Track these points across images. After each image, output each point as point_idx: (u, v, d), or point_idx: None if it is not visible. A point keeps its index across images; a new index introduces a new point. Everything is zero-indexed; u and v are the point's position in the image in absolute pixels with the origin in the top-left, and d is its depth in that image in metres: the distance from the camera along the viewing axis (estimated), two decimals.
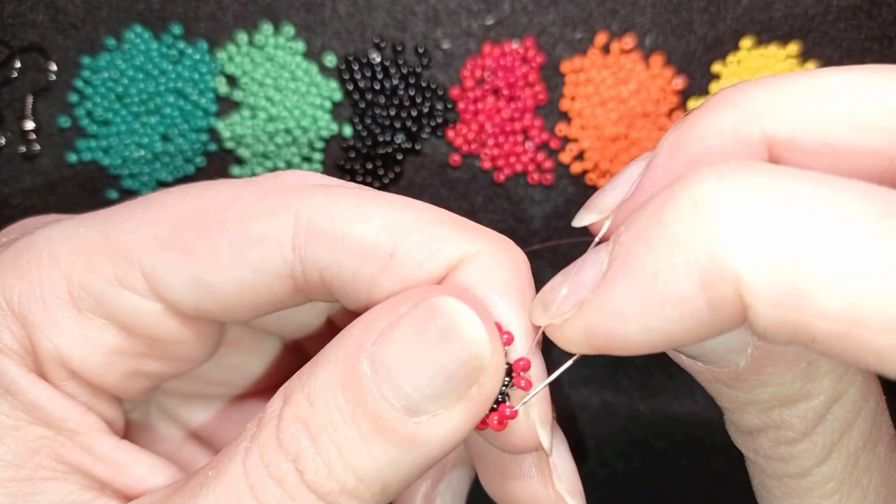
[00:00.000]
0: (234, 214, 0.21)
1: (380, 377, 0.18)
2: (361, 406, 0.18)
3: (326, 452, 0.18)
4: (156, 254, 0.21)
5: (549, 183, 0.36)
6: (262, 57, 0.35)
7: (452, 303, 0.19)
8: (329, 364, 0.19)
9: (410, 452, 0.19)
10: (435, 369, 0.18)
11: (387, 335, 0.19)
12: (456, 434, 0.19)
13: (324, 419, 0.18)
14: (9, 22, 0.35)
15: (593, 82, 0.35)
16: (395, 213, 0.20)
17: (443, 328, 0.18)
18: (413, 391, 0.18)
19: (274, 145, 0.36)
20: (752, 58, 0.34)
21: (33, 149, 0.36)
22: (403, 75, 0.35)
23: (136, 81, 0.35)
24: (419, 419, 0.18)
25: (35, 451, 0.21)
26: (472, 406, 0.19)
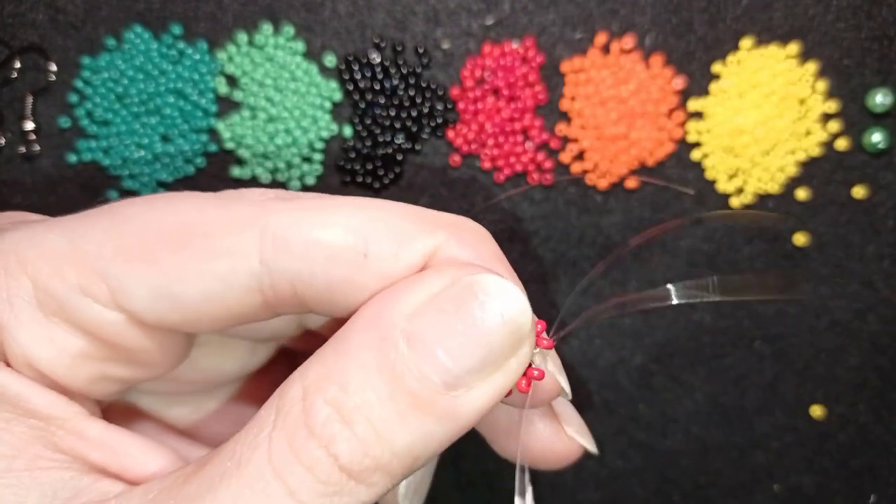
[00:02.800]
0: (200, 228, 0.20)
1: (419, 355, 0.18)
2: (400, 385, 0.18)
3: (362, 433, 0.18)
4: (120, 264, 0.20)
5: (549, 183, 0.36)
6: (262, 57, 0.35)
7: (493, 279, 0.19)
8: (359, 346, 0.19)
9: (446, 425, 0.19)
10: (479, 344, 0.19)
11: (423, 313, 0.19)
12: (490, 403, 0.19)
13: (357, 401, 0.18)
14: (8, 22, 0.35)
15: (593, 82, 0.35)
16: (360, 214, 0.20)
17: (485, 303, 0.19)
18: (454, 366, 0.19)
19: (274, 146, 0.36)
20: (752, 58, 0.34)
21: (33, 149, 0.36)
22: (403, 75, 0.35)
23: (135, 82, 0.35)
24: (457, 392, 0.19)
25: (29, 441, 0.20)
26: (509, 375, 0.19)
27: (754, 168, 0.35)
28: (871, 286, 0.35)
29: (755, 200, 0.35)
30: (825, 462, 0.36)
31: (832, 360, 0.36)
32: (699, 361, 0.36)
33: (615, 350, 0.37)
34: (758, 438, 0.36)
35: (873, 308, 0.35)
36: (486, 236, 0.22)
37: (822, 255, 0.35)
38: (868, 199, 0.34)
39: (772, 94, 0.34)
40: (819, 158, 0.35)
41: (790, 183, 0.35)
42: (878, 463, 0.36)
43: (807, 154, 0.34)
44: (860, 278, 0.35)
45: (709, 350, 0.36)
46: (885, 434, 0.36)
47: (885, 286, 0.35)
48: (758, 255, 0.35)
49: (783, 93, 0.34)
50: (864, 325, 0.35)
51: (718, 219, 0.36)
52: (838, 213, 0.35)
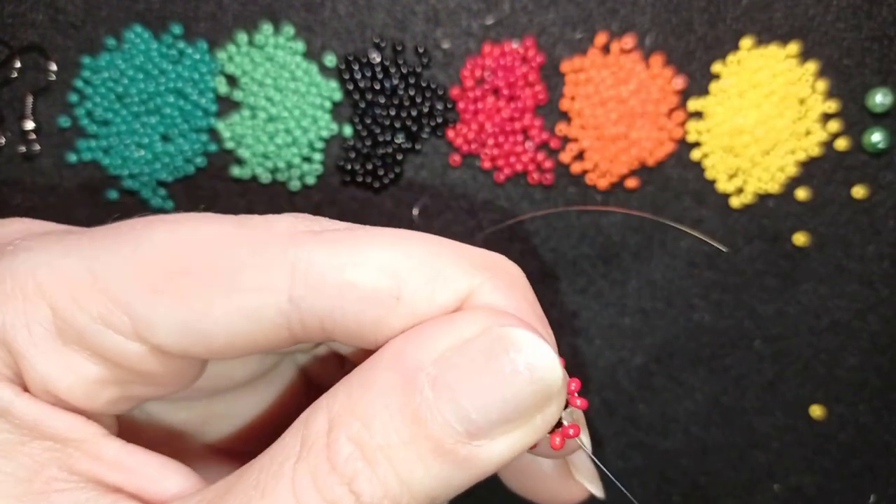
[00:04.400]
0: (228, 262, 0.20)
1: (443, 401, 0.18)
2: (422, 429, 0.18)
3: (383, 474, 0.18)
4: (144, 298, 0.20)
5: (549, 183, 0.36)
6: (262, 57, 0.35)
7: (526, 334, 0.19)
8: (384, 385, 0.19)
9: (466, 472, 0.19)
10: (505, 399, 0.18)
11: (450, 358, 0.19)
12: (512, 456, 0.19)
13: (380, 441, 0.18)
14: (8, 22, 0.35)
15: (593, 82, 0.35)
16: (394, 252, 0.20)
17: (516, 360, 0.18)
18: (478, 417, 0.18)
19: (274, 145, 0.36)
20: (751, 58, 0.34)
21: (33, 149, 0.36)
22: (403, 75, 0.35)
23: (135, 81, 0.35)
24: (479, 442, 0.19)
25: (44, 464, 0.20)
26: (533, 432, 0.19)
27: (754, 168, 0.35)
28: (871, 286, 0.35)
29: (755, 200, 0.35)
30: (825, 462, 0.36)
31: (832, 360, 0.36)
32: (699, 361, 0.36)
33: (615, 350, 0.37)
34: (758, 438, 0.36)
35: (873, 308, 0.35)
36: (523, 280, 0.21)
37: (822, 255, 0.35)
38: (868, 199, 0.34)
39: (772, 94, 0.34)
40: (819, 158, 0.35)
41: (790, 183, 0.35)
42: (878, 463, 0.36)
43: (807, 154, 0.34)
44: (860, 278, 0.35)
45: (709, 350, 0.36)
46: (885, 434, 0.36)
47: (885, 286, 0.35)
48: (758, 255, 0.35)
49: (783, 93, 0.34)
50: (864, 325, 0.35)
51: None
52: (838, 213, 0.35)
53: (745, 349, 0.36)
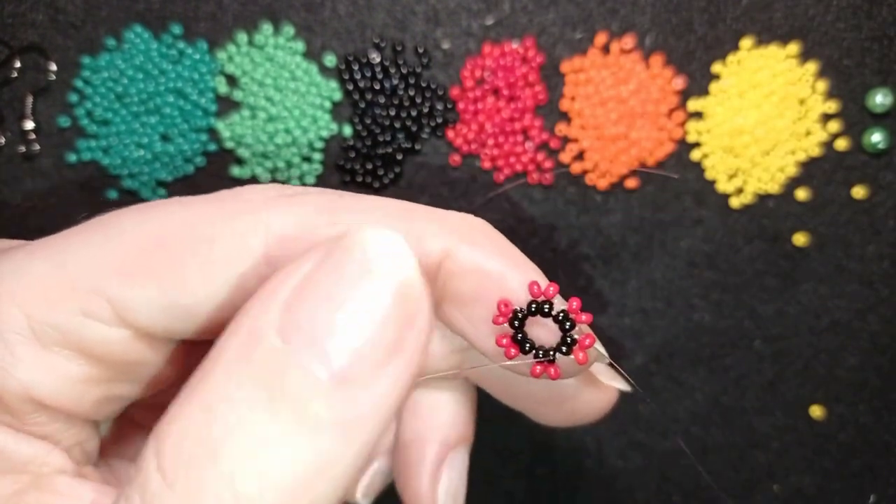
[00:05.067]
0: (201, 234, 0.19)
1: (297, 346, 0.15)
2: (280, 389, 0.15)
3: (231, 468, 0.14)
4: (122, 281, 0.19)
5: (549, 183, 0.36)
6: (261, 57, 0.35)
7: (369, 232, 0.16)
8: (225, 354, 0.16)
9: (349, 440, 0.15)
10: (361, 312, 0.15)
11: (298, 296, 0.15)
12: (398, 397, 0.16)
13: (229, 422, 0.15)
14: (8, 22, 0.35)
15: (593, 82, 0.35)
16: (365, 213, 0.19)
17: (362, 260, 0.15)
18: (340, 350, 0.15)
19: (274, 145, 0.36)
20: (752, 58, 0.34)
21: (33, 149, 0.36)
22: (403, 75, 0.35)
23: (135, 81, 0.35)
24: (350, 392, 0.15)
25: (7, 499, 0.20)
26: (412, 353, 0.16)
27: (754, 168, 0.35)
28: (871, 286, 0.35)
29: (755, 200, 0.35)
30: (825, 462, 0.36)
31: (832, 360, 0.36)
32: (699, 361, 0.36)
33: (615, 350, 0.37)
34: (758, 438, 0.36)
35: (873, 308, 0.35)
36: (494, 232, 0.21)
37: (822, 255, 0.35)
38: (868, 200, 0.34)
39: (772, 94, 0.34)
40: (819, 158, 0.35)
41: (790, 183, 0.35)
42: (878, 463, 0.36)
43: (807, 154, 0.34)
44: (860, 278, 0.35)
45: (709, 350, 0.36)
46: (885, 434, 0.36)
47: (885, 286, 0.35)
48: (758, 256, 0.35)
49: (783, 93, 0.34)
50: (864, 325, 0.35)
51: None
52: (838, 214, 0.35)
53: (745, 349, 0.36)
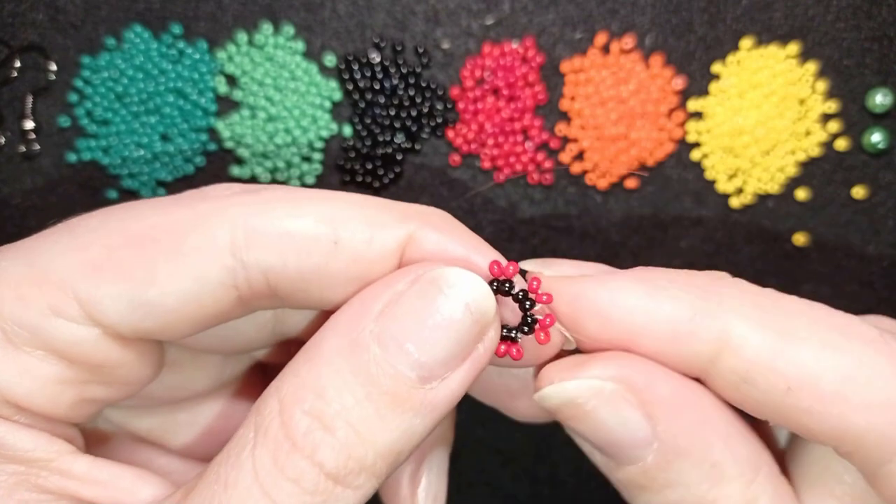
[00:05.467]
0: (167, 229, 0.20)
1: (391, 353, 0.19)
2: (376, 385, 0.19)
3: (344, 437, 0.19)
4: (89, 277, 0.20)
5: (549, 183, 0.36)
6: (261, 57, 0.35)
7: (454, 271, 0.20)
8: (332, 353, 0.19)
9: (426, 417, 0.19)
10: (447, 336, 0.19)
11: (389, 312, 0.19)
12: (463, 390, 0.20)
13: (337, 407, 0.19)
14: (8, 21, 0.35)
15: (593, 82, 0.35)
16: (329, 204, 0.21)
17: (451, 296, 0.19)
18: (427, 360, 0.19)
19: (273, 145, 0.36)
20: (751, 58, 0.34)
21: (33, 148, 0.36)
22: (403, 75, 0.35)
23: (135, 81, 0.35)
24: (432, 385, 0.19)
25: (13, 487, 0.20)
26: (477, 361, 0.20)
27: (754, 168, 0.35)
28: (870, 286, 0.35)
29: (755, 200, 0.35)
30: None
31: None
32: None
33: None
34: None
35: (873, 308, 0.35)
36: (455, 220, 0.22)
37: (821, 255, 0.35)
38: (868, 200, 0.34)
39: (772, 95, 0.34)
40: (819, 158, 0.35)
41: (790, 183, 0.35)
42: None
43: (807, 154, 0.34)
44: (860, 278, 0.35)
45: None
46: None
47: (884, 286, 0.35)
48: (758, 255, 0.35)
49: (783, 93, 0.34)
50: None
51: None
52: (838, 214, 0.35)
53: None
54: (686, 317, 0.20)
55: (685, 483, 0.20)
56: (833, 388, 0.18)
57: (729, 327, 0.19)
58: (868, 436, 0.18)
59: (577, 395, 0.20)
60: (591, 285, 0.21)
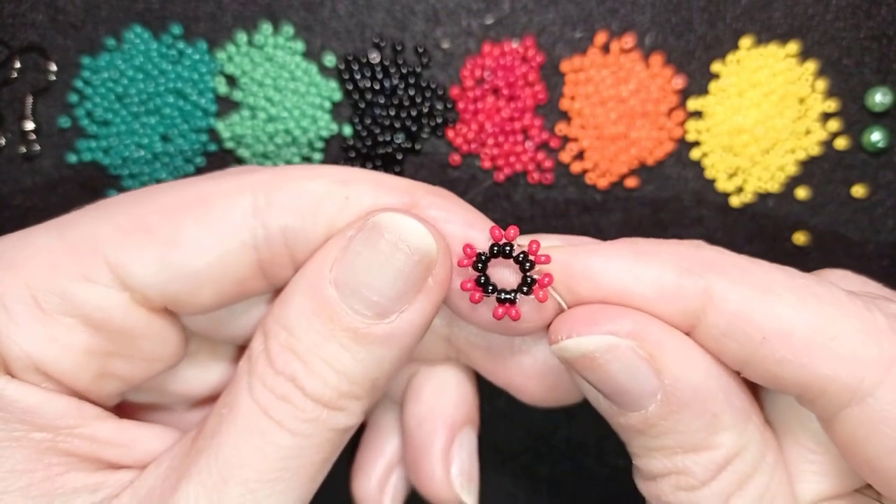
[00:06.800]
0: (193, 198, 0.22)
1: (346, 294, 0.21)
2: (337, 323, 0.21)
3: (318, 368, 0.21)
4: (119, 242, 0.21)
5: (549, 182, 0.36)
6: (261, 57, 0.35)
7: (393, 215, 0.21)
8: (297, 296, 0.22)
9: (391, 347, 0.21)
10: (394, 275, 0.21)
11: (343, 258, 0.21)
12: (423, 320, 0.22)
13: (307, 342, 0.21)
14: (8, 22, 0.35)
15: (593, 82, 0.35)
16: (340, 170, 0.23)
17: (391, 240, 0.21)
18: (379, 298, 0.21)
19: (273, 145, 0.36)
20: (751, 57, 0.34)
21: (33, 149, 0.36)
22: (403, 75, 0.35)
23: (135, 81, 0.35)
24: (390, 319, 0.21)
25: (42, 452, 0.21)
26: (432, 293, 0.22)
27: (754, 167, 0.35)
28: None
29: (755, 199, 0.35)
30: None
31: None
32: None
33: None
34: None
35: None
36: (456, 196, 0.24)
37: (821, 254, 0.35)
38: (867, 198, 0.35)
39: (771, 94, 0.34)
40: (819, 157, 0.35)
41: (790, 182, 0.35)
42: None
43: (806, 153, 0.34)
44: None
45: None
46: None
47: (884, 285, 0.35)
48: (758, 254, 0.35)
49: (783, 92, 0.34)
50: None
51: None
52: (838, 212, 0.35)
53: None
54: (672, 277, 0.21)
55: (684, 431, 0.21)
56: (804, 340, 0.20)
57: (711, 285, 0.21)
58: (831, 384, 0.20)
59: (593, 350, 0.21)
60: (582, 252, 0.22)
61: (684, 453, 0.21)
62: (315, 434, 0.21)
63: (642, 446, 0.22)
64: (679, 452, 0.21)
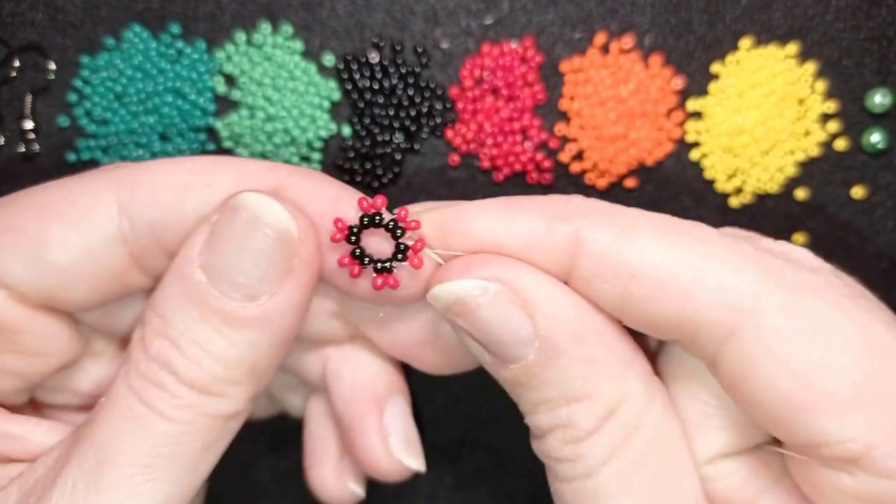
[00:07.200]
0: (61, 195, 0.23)
1: (214, 278, 0.21)
2: (208, 307, 0.21)
3: (191, 352, 0.21)
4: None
5: (548, 183, 0.36)
6: (260, 56, 0.35)
7: (249, 196, 0.21)
8: (168, 283, 0.22)
9: (264, 330, 0.21)
10: (255, 255, 0.21)
11: (209, 242, 0.21)
12: (297, 301, 0.22)
13: (180, 327, 0.21)
14: (7, 21, 0.35)
15: (592, 82, 0.35)
16: (202, 161, 0.23)
17: (247, 219, 0.21)
18: (245, 279, 0.21)
19: (272, 145, 0.36)
20: (751, 58, 0.34)
21: (32, 148, 0.36)
22: (402, 75, 0.35)
23: (134, 81, 0.35)
24: (260, 301, 0.21)
25: None
26: (301, 274, 0.22)
27: (753, 168, 0.35)
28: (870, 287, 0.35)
29: (754, 200, 0.35)
30: None
31: None
32: None
33: None
34: None
35: None
36: (323, 174, 0.24)
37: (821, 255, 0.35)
38: (867, 200, 0.34)
39: (771, 94, 0.34)
40: (818, 158, 0.35)
41: (789, 183, 0.35)
42: None
43: (806, 154, 0.34)
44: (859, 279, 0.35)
45: None
46: None
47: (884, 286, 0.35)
48: None
49: (782, 93, 0.34)
50: None
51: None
52: (837, 214, 0.35)
53: None
54: (540, 225, 0.21)
55: (563, 378, 0.21)
56: (672, 275, 0.20)
57: (579, 230, 0.21)
58: (705, 319, 0.20)
59: (464, 294, 0.21)
60: (454, 209, 0.22)
61: (567, 404, 0.21)
62: (192, 420, 0.21)
63: (528, 401, 0.22)
64: (563, 404, 0.21)
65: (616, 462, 0.21)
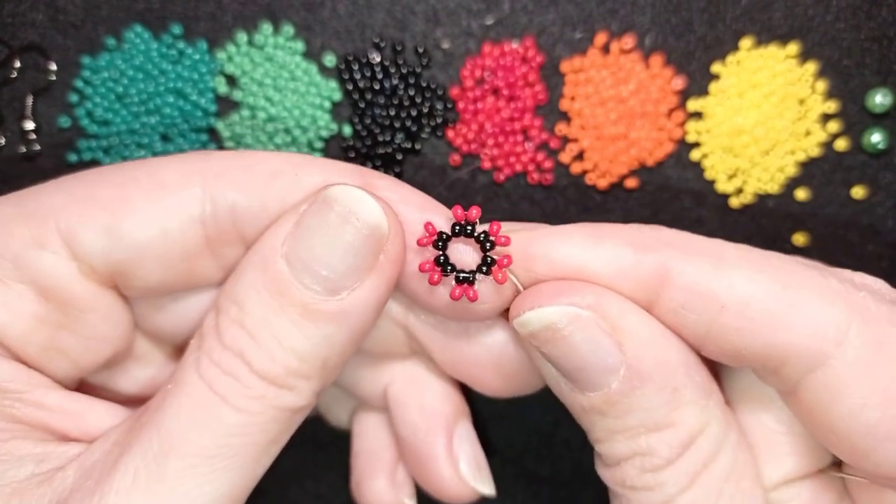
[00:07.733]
0: (146, 170, 0.22)
1: (297, 269, 0.21)
2: (287, 298, 0.21)
3: (266, 343, 0.21)
4: (70, 210, 0.22)
5: (549, 183, 0.36)
6: (261, 57, 0.35)
7: (344, 189, 0.21)
8: (248, 271, 0.21)
9: (341, 325, 0.21)
10: (343, 249, 0.21)
11: (294, 232, 0.21)
12: (376, 299, 0.22)
13: (256, 317, 0.21)
14: (8, 21, 0.35)
15: (593, 82, 0.35)
16: (291, 156, 0.23)
17: (341, 212, 0.21)
18: (328, 273, 0.21)
19: (273, 145, 0.36)
20: (751, 58, 0.34)
21: (33, 149, 0.36)
22: (403, 75, 0.35)
23: (135, 81, 0.35)
24: (341, 296, 0.21)
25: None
26: (384, 271, 0.21)
27: (754, 168, 0.35)
28: None
29: (755, 200, 0.35)
30: None
31: None
32: None
33: None
34: None
35: None
36: (408, 185, 0.24)
37: (821, 255, 0.35)
38: (867, 200, 0.35)
39: (771, 95, 0.34)
40: (818, 159, 0.35)
41: (790, 183, 0.35)
42: None
43: (806, 154, 0.34)
44: None
45: None
46: None
47: None
48: None
49: (783, 93, 0.34)
50: None
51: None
52: (838, 214, 0.35)
53: None
54: (628, 254, 0.21)
55: (646, 407, 0.21)
56: (761, 307, 0.20)
57: (667, 261, 0.21)
58: (792, 351, 0.20)
59: (556, 321, 0.21)
60: (541, 233, 0.22)
61: (648, 433, 0.21)
62: (261, 412, 0.21)
63: (605, 429, 0.22)
64: (642, 432, 0.21)
65: (694, 490, 0.21)
